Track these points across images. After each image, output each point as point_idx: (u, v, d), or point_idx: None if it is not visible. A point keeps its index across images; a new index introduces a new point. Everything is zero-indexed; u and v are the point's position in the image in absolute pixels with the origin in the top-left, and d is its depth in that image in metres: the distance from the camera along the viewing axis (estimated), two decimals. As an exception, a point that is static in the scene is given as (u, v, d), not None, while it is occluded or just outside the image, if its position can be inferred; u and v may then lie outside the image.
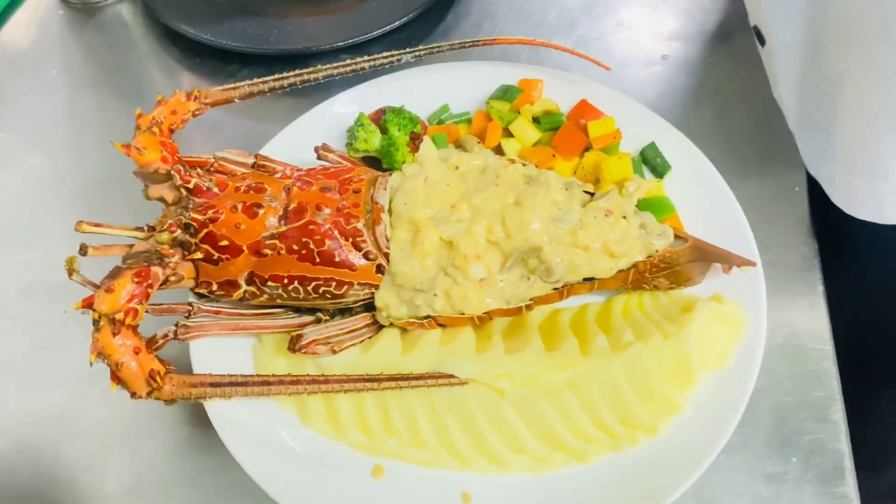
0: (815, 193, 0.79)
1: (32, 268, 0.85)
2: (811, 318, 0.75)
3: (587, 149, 0.81)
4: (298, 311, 0.72)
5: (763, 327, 0.67)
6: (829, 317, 0.74)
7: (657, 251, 0.67)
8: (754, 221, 0.73)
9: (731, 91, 0.91)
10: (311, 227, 0.66)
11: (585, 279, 0.68)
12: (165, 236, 0.66)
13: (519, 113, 0.83)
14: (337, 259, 0.66)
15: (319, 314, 0.71)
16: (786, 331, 0.74)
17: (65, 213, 0.89)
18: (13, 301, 0.83)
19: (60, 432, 0.74)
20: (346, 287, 0.67)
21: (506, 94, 0.84)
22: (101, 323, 0.61)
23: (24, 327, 0.81)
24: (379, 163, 0.81)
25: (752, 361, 0.66)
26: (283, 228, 0.66)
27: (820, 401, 0.70)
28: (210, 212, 0.67)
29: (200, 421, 0.73)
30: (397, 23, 0.95)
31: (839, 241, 0.81)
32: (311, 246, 0.66)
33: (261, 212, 0.67)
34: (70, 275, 0.65)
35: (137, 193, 0.72)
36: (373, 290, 0.68)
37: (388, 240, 0.67)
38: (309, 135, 0.82)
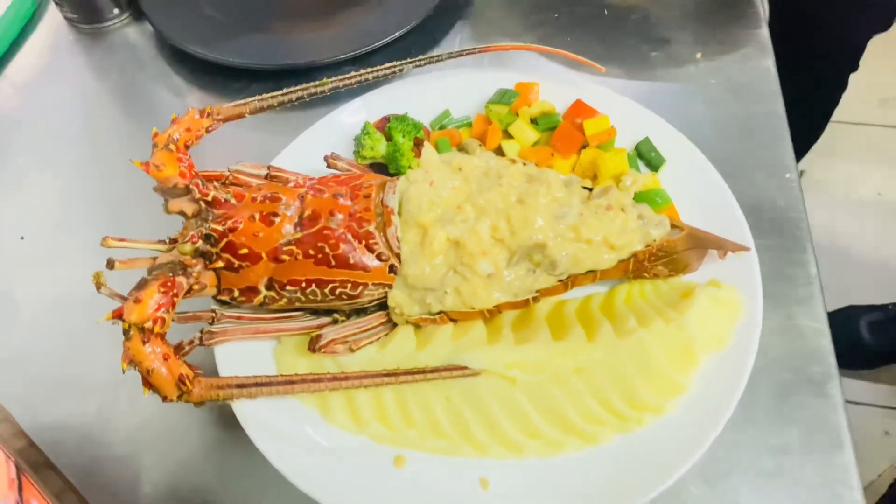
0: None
1: (58, 284, 0.89)
2: (806, 299, 0.78)
3: (584, 146, 0.84)
4: (316, 313, 0.76)
5: (759, 309, 0.70)
6: (822, 296, 0.77)
7: (655, 240, 0.71)
8: (747, 209, 0.77)
9: (721, 85, 0.95)
10: (325, 231, 0.69)
11: (588, 270, 0.71)
12: (188, 247, 0.70)
13: (517, 115, 0.87)
14: (351, 261, 0.69)
15: (336, 315, 0.75)
16: (782, 312, 0.77)
17: (86, 230, 0.93)
18: (41, 316, 0.86)
19: (93, 438, 0.77)
20: (361, 288, 0.70)
21: (503, 97, 0.88)
22: (132, 332, 0.65)
23: (53, 341, 0.84)
24: (386, 168, 0.84)
25: (750, 341, 0.69)
26: (300, 235, 0.70)
27: (817, 377, 0.73)
28: (229, 222, 0.70)
29: (227, 422, 0.77)
30: (397, 34, 0.99)
31: None
32: (327, 250, 0.69)
33: (277, 220, 0.70)
34: (98, 288, 0.68)
35: (156, 209, 0.76)
36: (386, 289, 0.71)
37: (398, 241, 0.70)
38: (318, 145, 0.85)
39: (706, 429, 0.66)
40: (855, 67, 1.60)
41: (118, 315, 0.65)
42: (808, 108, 1.67)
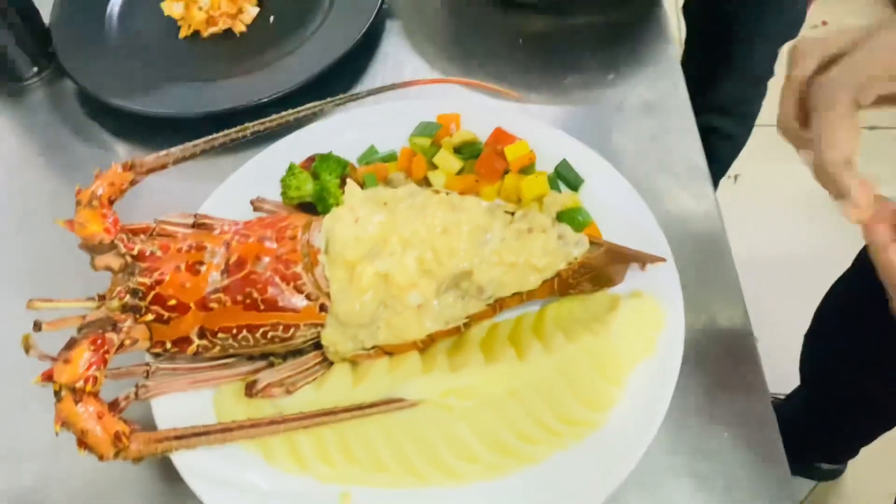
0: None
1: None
2: (728, 302, 0.81)
3: (507, 171, 0.86)
4: (251, 358, 0.76)
5: (680, 315, 0.73)
6: (742, 298, 0.81)
7: (576, 258, 0.73)
8: (667, 221, 0.80)
9: (633, 104, 0.98)
10: (252, 276, 0.70)
11: (515, 293, 0.73)
12: (115, 303, 0.69)
13: (440, 146, 0.89)
14: (280, 304, 0.70)
15: (272, 358, 0.75)
16: (706, 317, 0.80)
17: (13, 293, 0.91)
18: (-30, 386, 0.85)
19: (33, 505, 0.76)
20: (293, 329, 0.71)
21: (426, 129, 0.90)
22: (63, 393, 0.64)
23: (-17, 410, 0.83)
24: (314, 208, 0.85)
25: (675, 347, 0.72)
26: (227, 282, 0.70)
27: (744, 375, 0.76)
28: (155, 274, 0.70)
29: (171, 475, 0.75)
30: (317, 71, 1.00)
31: None
32: (255, 295, 0.70)
33: (203, 269, 0.71)
34: (27, 351, 0.67)
35: (85, 266, 0.75)
36: (319, 328, 0.72)
37: (327, 279, 0.71)
38: (244, 189, 0.86)
39: (639, 438, 0.68)
40: (772, 73, 1.68)
41: (49, 377, 0.65)
42: (735, 116, 1.75)
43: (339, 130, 0.92)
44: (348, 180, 0.79)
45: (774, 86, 1.75)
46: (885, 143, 2.66)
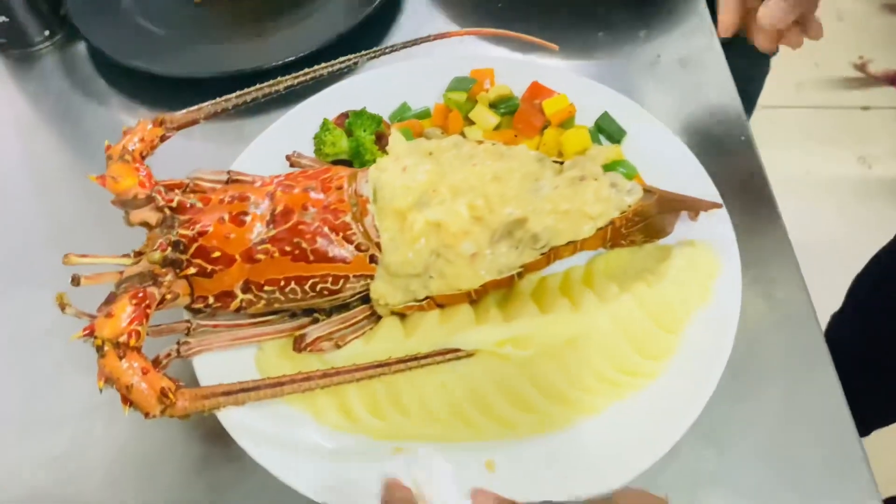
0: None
1: (15, 318, 0.84)
2: (776, 251, 0.80)
3: (546, 126, 0.85)
4: (294, 315, 0.73)
5: (736, 261, 0.72)
6: (792, 248, 0.80)
7: (630, 206, 0.71)
8: (709, 173, 0.78)
9: (668, 59, 0.97)
10: (300, 226, 0.68)
11: (569, 242, 0.71)
12: (157, 255, 0.67)
13: (476, 101, 0.87)
14: (330, 254, 0.68)
15: (316, 314, 0.73)
16: (754, 269, 0.78)
17: (40, 258, 0.88)
18: (2, 352, 0.81)
19: (71, 472, 0.73)
20: (342, 281, 0.69)
21: (460, 84, 0.88)
22: (106, 348, 0.61)
23: (17, 375, 0.79)
24: (349, 165, 0.83)
25: (732, 294, 0.70)
26: (273, 232, 0.68)
27: (796, 320, 0.75)
28: (197, 226, 0.68)
29: (210, 436, 0.73)
30: (343, 30, 0.98)
31: None
32: (304, 245, 0.67)
33: (248, 219, 0.68)
34: (63, 309, 0.64)
35: (112, 228, 0.73)
36: (368, 281, 0.70)
37: (377, 229, 0.69)
38: (277, 147, 0.83)
39: (702, 386, 0.67)
40: (776, 50, 1.67)
41: (90, 332, 0.62)
42: (738, 94, 1.74)
43: (370, 87, 0.90)
44: (393, 130, 0.77)
45: (777, 64, 1.75)
46: (878, 122, 2.68)
